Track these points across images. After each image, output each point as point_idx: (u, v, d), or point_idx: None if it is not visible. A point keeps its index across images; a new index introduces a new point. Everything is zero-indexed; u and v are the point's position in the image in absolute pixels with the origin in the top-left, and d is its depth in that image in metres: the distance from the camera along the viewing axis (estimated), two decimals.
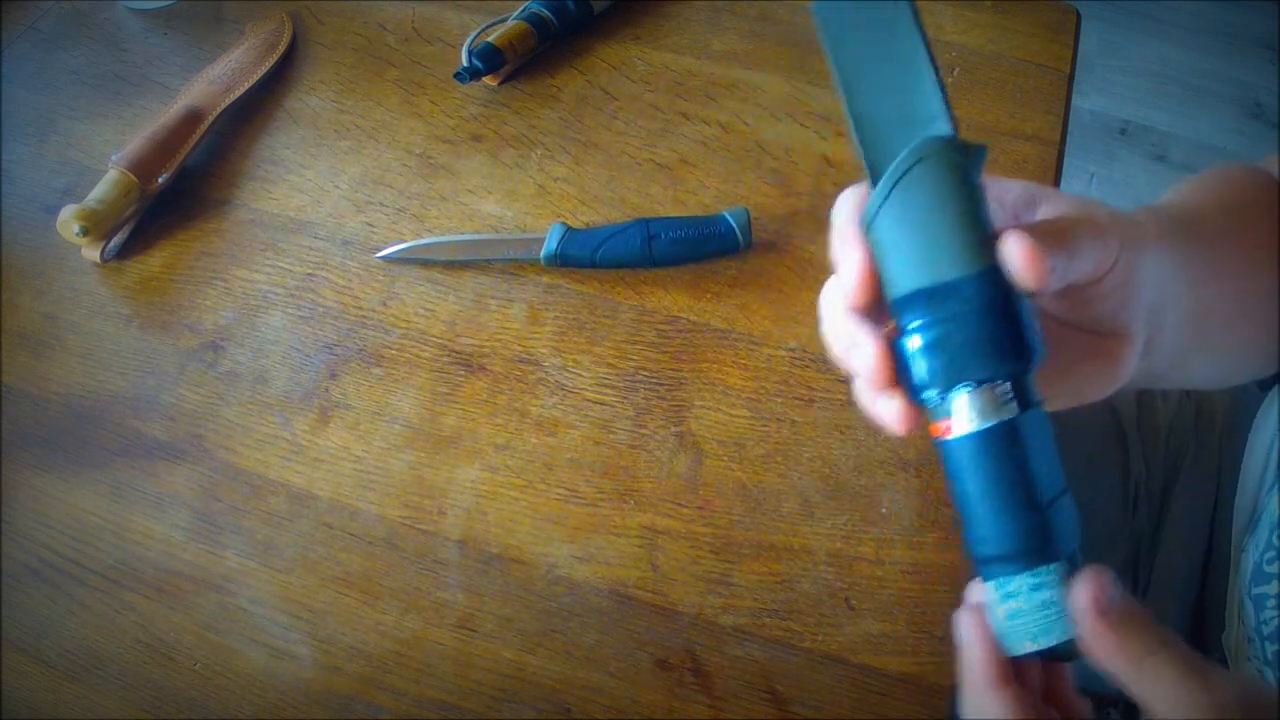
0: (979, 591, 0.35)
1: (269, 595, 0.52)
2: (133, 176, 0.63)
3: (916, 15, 0.33)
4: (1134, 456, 0.72)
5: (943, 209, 0.32)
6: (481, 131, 0.70)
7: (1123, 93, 1.82)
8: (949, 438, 0.33)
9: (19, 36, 0.76)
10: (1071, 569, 0.32)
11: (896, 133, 0.33)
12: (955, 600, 0.51)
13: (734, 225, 0.62)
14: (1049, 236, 0.32)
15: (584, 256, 0.62)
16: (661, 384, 0.59)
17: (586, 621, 0.51)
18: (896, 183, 0.32)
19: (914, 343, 0.32)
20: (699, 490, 0.55)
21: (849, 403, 0.56)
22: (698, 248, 0.62)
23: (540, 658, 0.50)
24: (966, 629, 0.34)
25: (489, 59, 0.70)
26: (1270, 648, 0.55)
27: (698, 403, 0.58)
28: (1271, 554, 0.57)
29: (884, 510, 0.54)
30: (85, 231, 0.61)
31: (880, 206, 0.32)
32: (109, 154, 0.65)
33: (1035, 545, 0.32)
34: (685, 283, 0.63)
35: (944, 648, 0.50)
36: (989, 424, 0.32)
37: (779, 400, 0.58)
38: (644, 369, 0.59)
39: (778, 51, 0.75)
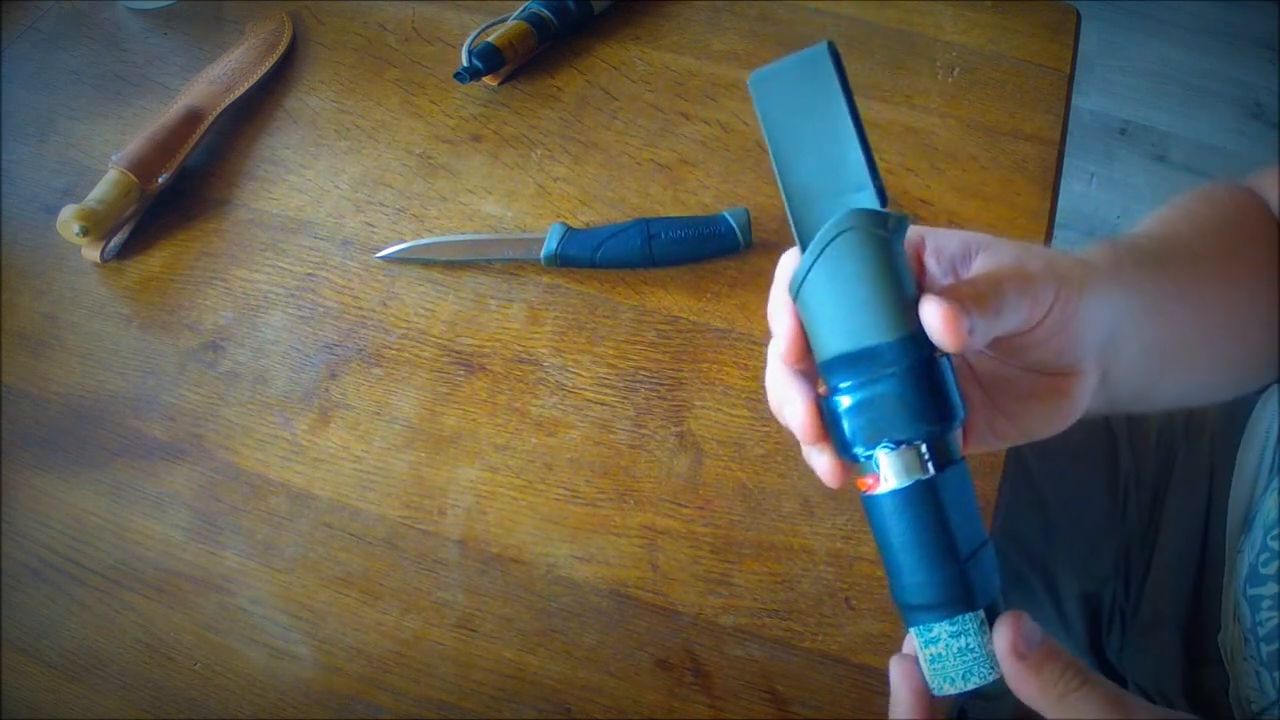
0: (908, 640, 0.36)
1: (269, 595, 0.52)
2: (133, 176, 0.63)
3: (845, 86, 0.35)
4: (1124, 459, 0.72)
5: (864, 278, 0.33)
6: (481, 131, 0.70)
7: (1123, 93, 1.82)
8: (872, 493, 0.34)
9: (19, 36, 0.76)
10: (991, 616, 0.34)
11: (825, 202, 0.35)
12: None
13: (734, 225, 0.62)
14: (969, 299, 0.33)
15: (584, 256, 0.62)
16: (661, 384, 0.59)
17: (586, 621, 0.51)
18: (821, 253, 0.34)
19: (842, 403, 0.34)
20: (699, 490, 0.55)
21: None
22: (698, 248, 0.62)
23: (540, 658, 0.50)
24: (895, 673, 0.36)
25: (489, 59, 0.70)
26: (1266, 648, 0.55)
27: (698, 403, 0.58)
28: (1267, 555, 0.57)
29: None
30: (85, 231, 0.61)
31: (806, 275, 0.34)
32: (109, 154, 0.65)
33: (954, 595, 0.34)
34: (685, 283, 0.63)
35: None
36: (908, 483, 0.33)
37: None
38: (644, 369, 0.59)
39: (778, 51, 0.74)
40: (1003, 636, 0.33)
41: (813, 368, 0.36)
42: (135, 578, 0.53)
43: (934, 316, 0.32)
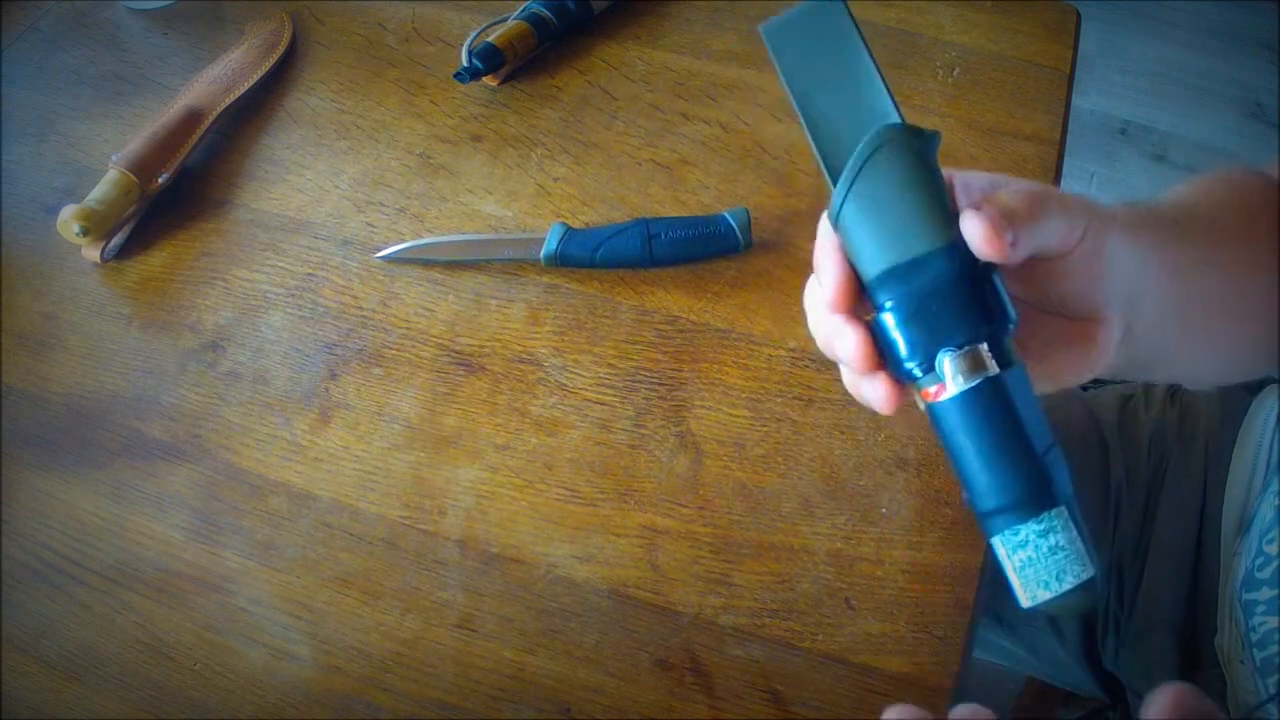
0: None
1: (269, 595, 0.52)
2: (133, 176, 0.63)
3: (855, 23, 0.36)
4: (1116, 463, 0.72)
5: (904, 189, 0.34)
6: (481, 131, 0.70)
7: (1123, 93, 1.82)
8: (939, 400, 0.34)
9: (19, 36, 0.76)
10: (1072, 516, 0.34)
11: (851, 134, 0.35)
12: (955, 600, 0.51)
13: (734, 225, 0.62)
14: (1010, 210, 0.33)
15: (584, 256, 0.62)
16: (661, 384, 0.59)
17: (586, 621, 0.51)
18: (859, 170, 0.34)
19: (891, 319, 0.34)
20: (699, 490, 0.55)
21: (849, 402, 0.56)
22: (698, 248, 0.62)
23: (540, 658, 0.50)
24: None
25: (489, 59, 0.70)
26: (1260, 654, 0.55)
27: (698, 403, 0.58)
28: (1262, 560, 0.57)
29: (884, 510, 0.54)
30: (85, 231, 0.61)
31: (845, 197, 0.34)
32: (109, 154, 0.65)
33: (1037, 492, 0.33)
34: (685, 283, 0.63)
35: (944, 647, 0.50)
36: (976, 381, 0.33)
37: (779, 400, 0.58)
38: (644, 369, 0.59)
39: None
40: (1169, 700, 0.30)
41: (855, 305, 0.36)
42: (135, 578, 0.53)
43: (975, 227, 0.33)
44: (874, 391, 0.35)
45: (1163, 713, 0.30)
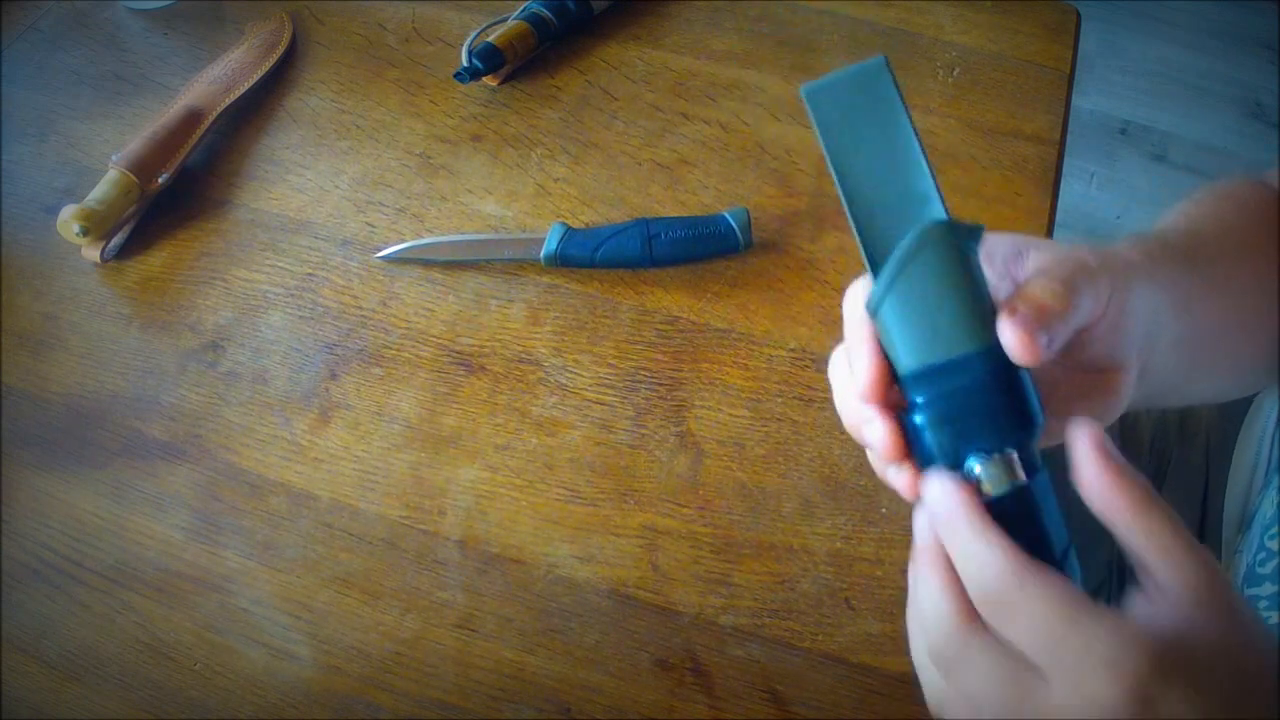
0: None
1: (269, 595, 0.52)
2: (133, 176, 0.63)
3: (900, 92, 0.35)
4: None
5: (945, 291, 0.33)
6: (481, 131, 0.70)
7: (1123, 93, 1.82)
8: None
9: (19, 36, 0.76)
10: None
11: (891, 214, 0.35)
12: None
13: (734, 225, 0.62)
14: (1042, 308, 0.33)
15: (584, 256, 0.62)
16: (661, 384, 0.59)
17: (586, 621, 0.51)
18: (901, 268, 0.33)
19: (923, 417, 0.34)
20: (699, 490, 0.55)
21: None
22: (698, 248, 0.62)
23: (540, 658, 0.50)
24: (938, 481, 0.34)
25: (489, 59, 0.70)
26: None
27: (698, 403, 0.58)
28: (1264, 555, 0.57)
29: (884, 510, 0.54)
30: (85, 231, 0.61)
31: (887, 291, 0.34)
32: (109, 154, 0.65)
33: None
34: (685, 283, 0.63)
35: None
36: (1002, 490, 0.33)
37: (779, 400, 0.58)
38: (644, 369, 0.59)
39: (778, 51, 0.75)
40: (1083, 432, 0.32)
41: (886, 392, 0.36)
42: (135, 578, 0.53)
43: (1011, 334, 0.32)
44: (899, 480, 0.35)
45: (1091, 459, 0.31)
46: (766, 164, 0.68)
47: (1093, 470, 0.32)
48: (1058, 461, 0.35)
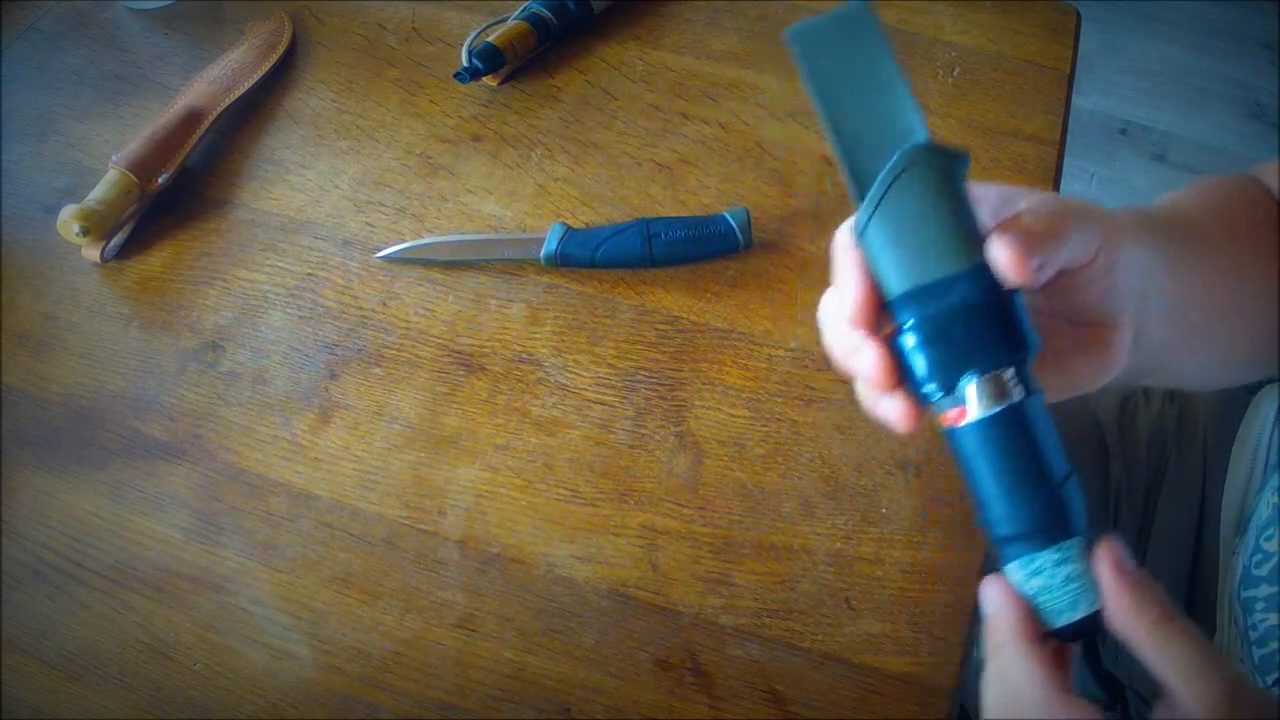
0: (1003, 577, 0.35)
1: (269, 595, 0.52)
2: (133, 176, 0.63)
3: (883, 33, 0.36)
4: (1114, 464, 0.72)
5: (932, 210, 0.33)
6: (481, 131, 0.70)
7: (1123, 93, 1.82)
8: (961, 425, 0.34)
9: (19, 36, 0.76)
10: (1088, 546, 0.34)
11: (879, 147, 0.35)
12: (955, 600, 0.51)
13: (734, 225, 0.62)
14: (1033, 232, 0.33)
15: (584, 256, 0.62)
16: (661, 384, 0.59)
17: (586, 621, 0.51)
18: (887, 189, 0.33)
19: (913, 339, 0.34)
20: (699, 490, 0.55)
21: (849, 403, 0.56)
22: (698, 248, 0.62)
23: (540, 658, 0.50)
24: (993, 593, 0.35)
25: (489, 59, 0.70)
26: (1259, 652, 0.55)
27: (698, 403, 0.58)
28: (1260, 557, 0.57)
29: (884, 510, 0.54)
30: (85, 231, 0.61)
31: (872, 214, 0.34)
32: (109, 154, 0.65)
33: (1055, 521, 0.33)
34: (685, 283, 0.63)
35: (944, 647, 0.50)
36: (1000, 408, 0.33)
37: (779, 400, 0.58)
38: (644, 369, 0.59)
39: (778, 51, 0.75)
40: (1104, 553, 0.33)
41: (874, 320, 0.36)
42: (135, 578, 0.53)
43: (1003, 252, 0.32)
44: (892, 410, 0.35)
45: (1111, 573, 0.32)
46: (766, 164, 0.68)
47: (1111, 592, 0.33)
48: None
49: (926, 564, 0.52)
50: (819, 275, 0.63)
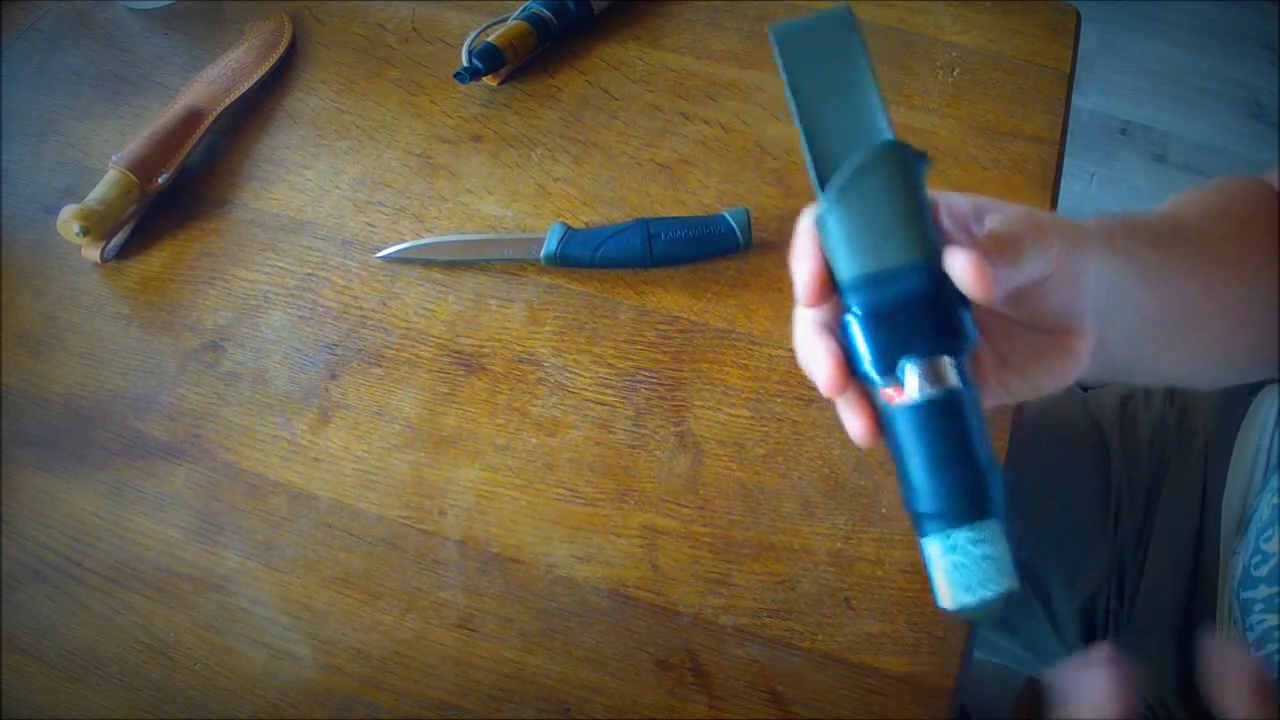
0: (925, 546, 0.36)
1: (269, 595, 0.52)
2: (133, 176, 0.63)
3: (862, 39, 0.37)
4: (1115, 465, 0.72)
5: (889, 203, 0.35)
6: (481, 131, 0.70)
7: (1123, 93, 1.82)
8: (899, 403, 0.36)
9: (19, 36, 0.76)
10: (1005, 531, 0.35)
11: (845, 144, 0.37)
12: None
13: (734, 225, 0.62)
14: (993, 251, 0.35)
15: (584, 256, 0.62)
16: (661, 384, 0.59)
17: (586, 621, 0.51)
18: (849, 179, 0.35)
19: (859, 321, 0.36)
20: (699, 490, 0.55)
21: None
22: (698, 248, 0.62)
23: (540, 658, 0.50)
24: (1230, 665, 0.37)
25: (489, 59, 0.70)
26: (1257, 652, 0.55)
27: (698, 403, 0.58)
28: (1259, 558, 0.57)
29: (884, 510, 0.54)
30: (85, 231, 0.61)
31: (833, 204, 0.36)
32: (109, 154, 0.65)
33: (975, 503, 0.35)
34: (685, 283, 0.63)
35: (944, 647, 0.50)
36: (935, 392, 0.35)
37: (779, 400, 0.58)
38: (644, 369, 0.59)
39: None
40: (1236, 669, 0.34)
41: (832, 319, 0.37)
42: (135, 578, 0.53)
43: (962, 268, 0.34)
44: (854, 424, 0.37)
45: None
46: (766, 164, 0.68)
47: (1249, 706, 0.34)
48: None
49: None
50: None
